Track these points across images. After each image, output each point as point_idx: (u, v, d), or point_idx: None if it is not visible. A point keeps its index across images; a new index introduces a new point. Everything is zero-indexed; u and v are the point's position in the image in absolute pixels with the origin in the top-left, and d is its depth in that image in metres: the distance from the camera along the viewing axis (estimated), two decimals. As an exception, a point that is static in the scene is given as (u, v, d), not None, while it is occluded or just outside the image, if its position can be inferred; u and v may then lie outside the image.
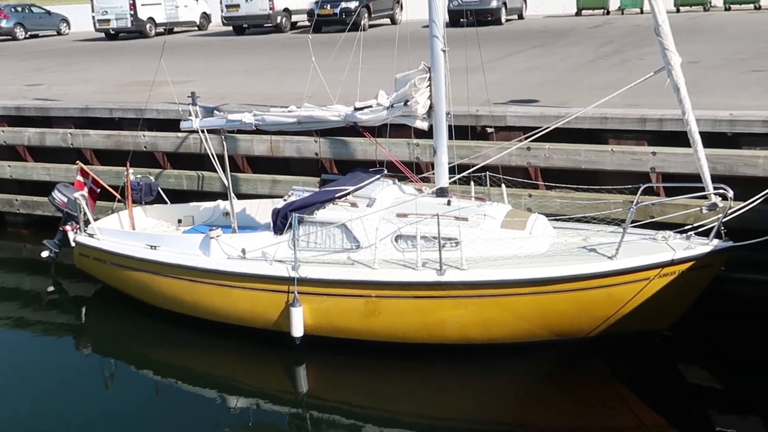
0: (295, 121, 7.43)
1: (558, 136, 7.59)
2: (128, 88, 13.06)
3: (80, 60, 19.97)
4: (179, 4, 29.61)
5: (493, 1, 22.78)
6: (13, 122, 11.05)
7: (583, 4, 25.62)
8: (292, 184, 8.71)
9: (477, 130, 8.38)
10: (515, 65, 13.37)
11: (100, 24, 27.91)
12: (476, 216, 6.65)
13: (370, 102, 7.10)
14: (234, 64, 16.57)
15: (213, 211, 8.72)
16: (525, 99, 9.45)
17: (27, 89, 13.53)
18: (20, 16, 32.34)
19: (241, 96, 11.10)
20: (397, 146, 8.29)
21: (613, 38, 17.25)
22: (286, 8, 26.06)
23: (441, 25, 6.85)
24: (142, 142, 9.92)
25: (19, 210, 11.14)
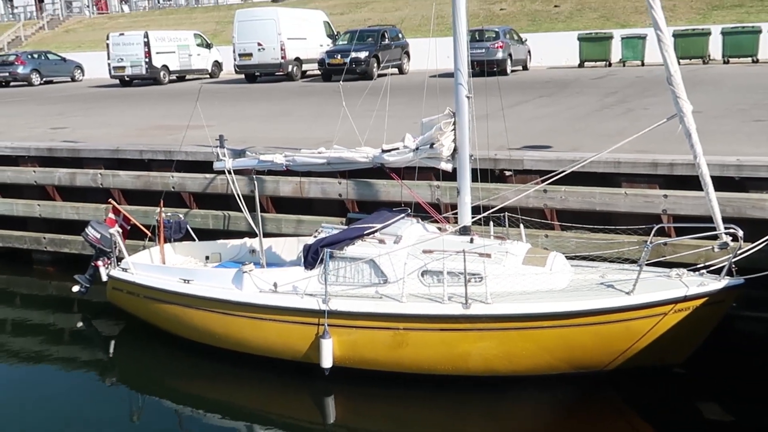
0: (325, 162, 7.84)
1: (573, 179, 8.00)
2: (150, 132, 13.53)
3: (99, 105, 20.55)
4: (192, 53, 30.46)
5: (499, 53, 23.50)
6: (44, 163, 11.47)
7: (585, 55, 26.38)
8: (315, 224, 9.08)
9: (496, 173, 8.79)
10: (524, 113, 13.85)
11: (116, 71, 28.68)
12: (499, 253, 7.00)
13: (397, 144, 7.53)
14: (250, 110, 17.10)
15: (240, 249, 9.07)
16: (538, 144, 9.88)
17: (53, 132, 14.00)
18: (36, 62, 33.21)
19: (262, 140, 11.52)
20: (419, 188, 8.68)
21: (616, 89, 17.83)
22: (297, 57, 26.84)
23: (465, 72, 7.30)
24: (170, 183, 10.32)
25: (47, 248, 11.48)
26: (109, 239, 8.55)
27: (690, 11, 30.14)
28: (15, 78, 32.31)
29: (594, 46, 26.21)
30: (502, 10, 34.05)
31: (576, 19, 31.77)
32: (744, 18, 27.75)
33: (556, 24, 31.64)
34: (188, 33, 31.37)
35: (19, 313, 10.56)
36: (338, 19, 35.61)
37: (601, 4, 32.79)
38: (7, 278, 11.91)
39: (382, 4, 39.64)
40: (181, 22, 42.66)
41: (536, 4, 34.53)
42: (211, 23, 41.74)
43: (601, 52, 26.13)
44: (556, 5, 33.68)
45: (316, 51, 27.27)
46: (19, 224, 11.80)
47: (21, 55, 33.30)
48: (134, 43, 28.37)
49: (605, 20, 30.88)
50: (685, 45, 23.72)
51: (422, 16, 34.71)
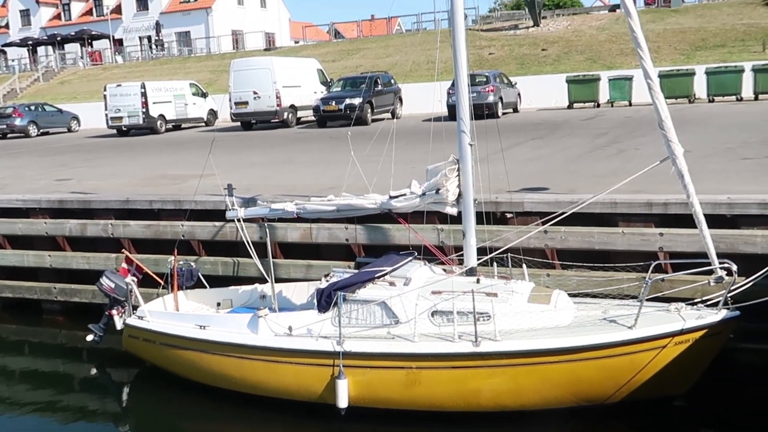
0: (335, 209, 8.17)
1: (572, 219, 8.34)
2: (155, 181, 13.87)
3: (100, 156, 20.91)
4: (188, 102, 31.04)
5: (490, 96, 24.10)
6: (55, 214, 11.75)
7: (574, 97, 27.06)
8: (324, 269, 9.38)
9: (498, 216, 9.14)
10: (519, 156, 14.28)
11: (113, 121, 29.18)
12: (505, 292, 7.31)
13: (404, 190, 7.89)
14: (250, 157, 17.47)
15: (251, 294, 9.33)
16: (536, 187, 10.25)
17: (58, 184, 14.30)
18: (34, 114, 33.70)
19: (267, 187, 11.84)
20: (423, 232, 9.00)
21: (606, 129, 18.37)
22: (292, 104, 27.42)
23: (467, 121, 7.69)
24: (180, 231, 10.61)
25: (57, 297, 11.70)
26: (124, 289, 8.80)
27: (674, 52, 31.04)
28: (12, 130, 32.75)
29: (582, 87, 26.92)
30: (491, 54, 34.90)
31: (563, 61, 32.61)
32: (727, 58, 28.61)
33: (544, 67, 32.45)
34: (184, 83, 32.00)
35: (30, 363, 10.70)
36: (331, 66, 36.37)
37: (587, 47, 33.72)
38: (17, 328, 12.09)
39: (374, 50, 40.54)
40: (175, 72, 43.40)
41: (524, 48, 35.44)
42: (205, 72, 42.48)
43: (590, 93, 26.82)
44: (543, 49, 34.59)
45: (310, 98, 27.86)
46: (30, 275, 12.02)
47: (18, 108, 33.80)
48: (131, 93, 28.93)
49: (592, 62, 31.72)
50: (671, 85, 24.41)
51: (413, 62, 35.55)
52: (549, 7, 55.89)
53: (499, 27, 41.07)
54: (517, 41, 36.68)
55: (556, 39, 35.72)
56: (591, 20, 38.53)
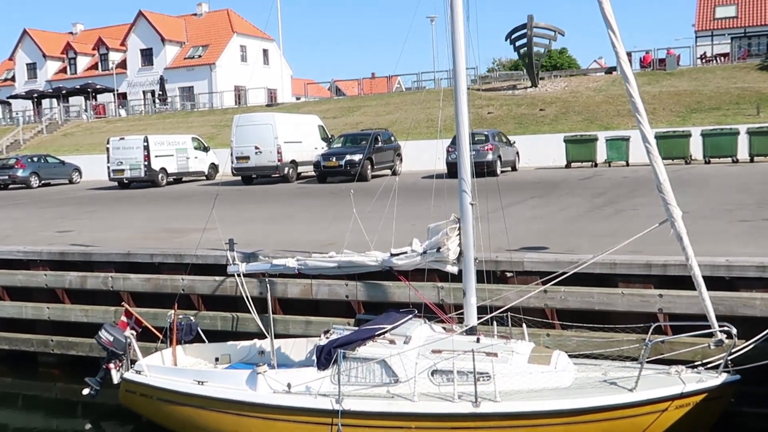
0: (336, 265, 8.22)
1: (571, 279, 8.40)
2: (156, 235, 13.92)
3: (101, 208, 21.01)
4: (190, 156, 31.33)
5: (489, 155, 24.35)
6: (56, 266, 11.77)
7: (572, 156, 27.38)
8: (324, 325, 9.38)
9: (497, 274, 9.18)
10: (518, 214, 14.38)
11: (115, 174, 29.39)
12: (505, 352, 7.30)
13: (406, 248, 7.95)
14: (251, 212, 17.57)
15: (249, 350, 9.29)
16: (535, 246, 10.32)
17: (59, 235, 14.34)
18: (36, 165, 33.97)
19: (267, 243, 11.90)
20: (424, 289, 9.03)
21: (604, 189, 18.55)
22: (293, 160, 27.69)
23: (469, 181, 7.80)
24: (180, 285, 10.63)
25: (54, 350, 11.63)
26: (123, 342, 8.77)
27: (670, 114, 31.53)
28: (14, 181, 32.95)
29: (580, 147, 27.26)
30: (490, 113, 35.42)
31: (561, 121, 33.08)
32: (722, 120, 29.07)
33: (542, 126, 32.90)
34: (186, 137, 32.33)
35: (24, 417, 10.58)
36: (332, 123, 36.84)
37: (585, 108, 34.24)
38: (12, 381, 11.99)
39: (374, 108, 41.12)
40: (177, 126, 43.91)
41: (522, 107, 35.99)
42: (207, 126, 42.98)
43: (587, 153, 27.15)
44: (541, 109, 35.12)
45: (311, 153, 28.15)
46: (27, 326, 11.97)
47: (21, 159, 34.08)
48: (134, 147, 29.21)
49: (589, 123, 32.18)
50: (668, 146, 24.73)
51: (413, 119, 36.02)
52: (546, 68, 56.99)
53: (498, 87, 41.77)
54: (515, 101, 37.26)
55: (554, 99, 36.31)
56: (588, 82, 39.22)
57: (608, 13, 7.07)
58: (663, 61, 40.12)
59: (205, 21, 66.51)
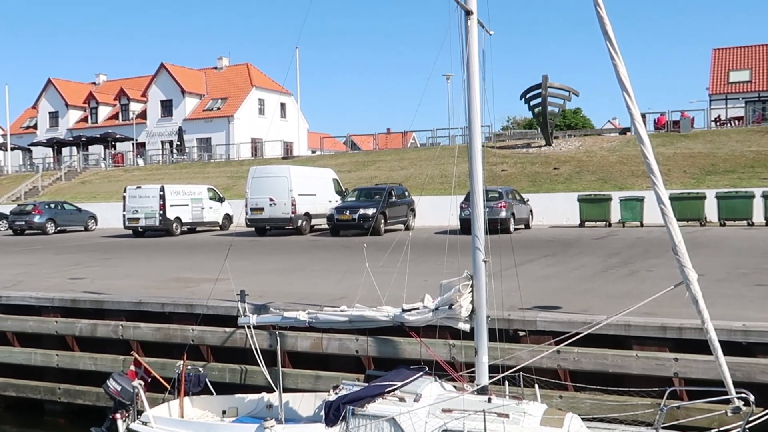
0: (347, 320, 8.16)
1: (585, 340, 8.28)
2: (168, 284, 13.92)
3: (115, 256, 21.10)
4: (205, 206, 31.59)
5: (502, 212, 24.36)
6: (67, 314, 11.77)
7: (585, 216, 27.37)
8: (333, 380, 9.26)
9: (510, 333, 9.08)
10: (531, 273, 14.30)
11: (130, 222, 29.62)
12: (517, 413, 7.15)
13: (417, 304, 7.90)
14: (263, 264, 17.57)
15: (257, 404, 9.17)
16: (548, 305, 10.22)
17: (72, 282, 14.39)
18: (53, 212, 34.34)
19: (278, 294, 11.87)
20: (435, 346, 8.94)
21: (618, 249, 18.45)
22: (306, 212, 27.83)
23: (482, 237, 7.78)
24: (190, 336, 10.58)
25: (61, 398, 11.54)
26: (131, 392, 8.68)
27: (684, 176, 31.55)
28: (31, 226, 33.30)
29: (594, 207, 27.27)
30: (504, 171, 35.59)
31: (575, 180, 33.17)
32: (736, 183, 29.05)
33: (556, 185, 32.99)
34: (202, 187, 32.65)
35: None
36: (346, 176, 37.14)
37: (599, 168, 34.36)
38: (18, 430, 11.87)
39: (389, 163, 41.45)
40: (194, 176, 44.39)
41: (536, 166, 36.16)
42: (223, 177, 43.42)
43: (601, 212, 27.13)
44: (555, 167, 35.27)
45: (325, 206, 28.33)
46: (35, 374, 11.92)
47: (39, 205, 34.49)
48: (150, 195, 29.50)
49: (603, 182, 32.24)
50: (682, 208, 24.67)
51: (426, 175, 36.25)
52: (561, 127, 57.46)
53: (512, 145, 42.07)
54: (529, 159, 37.46)
55: (568, 158, 36.48)
56: (602, 142, 39.44)
57: (623, 75, 7.14)
58: (677, 123, 40.35)
59: (225, 74, 67.90)
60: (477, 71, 7.73)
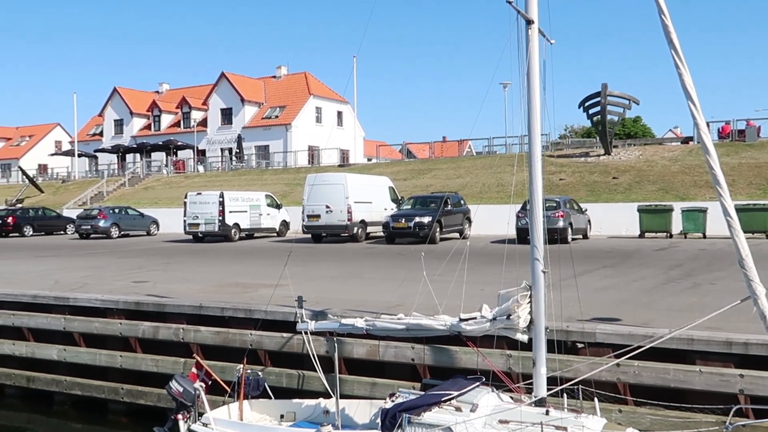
0: (404, 328, 8.19)
1: (645, 354, 8.11)
2: (227, 289, 14.18)
3: (175, 260, 21.61)
4: (263, 212, 32.08)
5: (560, 221, 24.04)
6: (131, 316, 12.12)
7: (646, 226, 26.79)
8: (389, 388, 9.30)
9: (568, 345, 8.97)
10: (589, 284, 14.08)
11: (190, 227, 30.29)
12: (575, 426, 7.06)
13: (475, 314, 7.87)
14: (319, 270, 17.74)
15: (314, 409, 9.27)
16: (607, 317, 10.05)
17: (135, 285, 14.79)
18: (117, 216, 35.36)
19: (335, 301, 11.98)
20: (491, 356, 8.89)
21: (680, 261, 18.01)
22: (362, 220, 28.00)
23: (541, 248, 7.72)
24: (248, 340, 10.76)
25: (123, 398, 11.87)
26: (192, 394, 8.88)
27: (749, 186, 30.62)
28: (96, 230, 34.35)
29: (654, 217, 26.68)
30: (562, 180, 35.14)
31: (635, 190, 32.53)
32: (805, 194, 28.04)
33: (615, 195, 32.41)
34: (260, 194, 33.17)
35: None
36: (402, 184, 37.22)
37: (660, 177, 33.61)
38: (82, 427, 12.25)
39: (444, 171, 41.37)
40: (252, 183, 45.13)
41: (595, 175, 35.59)
42: (280, 185, 44.00)
43: (662, 223, 26.53)
44: (614, 177, 34.65)
45: (380, 214, 28.43)
46: (100, 373, 12.28)
47: (103, 210, 35.58)
48: (210, 201, 30.13)
49: (664, 192, 31.53)
50: (747, 219, 23.90)
51: (483, 183, 36.07)
52: (620, 136, 56.46)
53: (570, 153, 41.52)
54: (587, 168, 36.90)
55: (628, 168, 35.80)
56: (663, 151, 38.59)
57: (689, 85, 7.01)
58: (742, 132, 39.18)
59: (283, 83, 68.90)
60: (537, 81, 7.69)
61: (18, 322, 13.20)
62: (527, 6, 7.71)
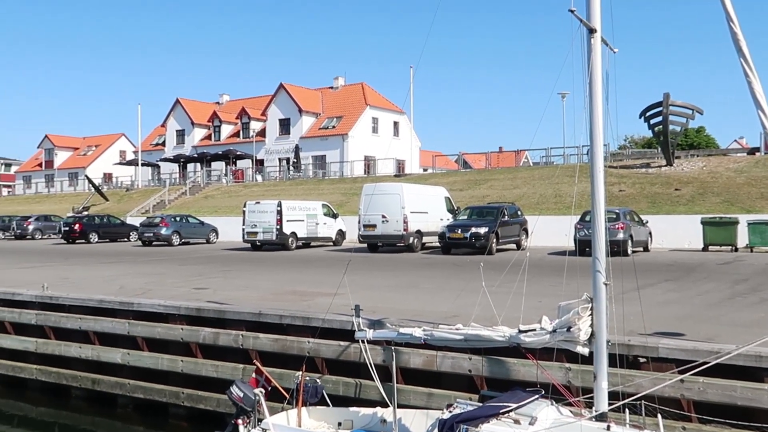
0: (462, 338, 8.15)
1: (710, 370, 7.87)
2: (285, 296, 14.35)
3: (234, 268, 21.99)
4: (319, 222, 32.39)
5: (620, 234, 23.58)
6: (192, 322, 12.37)
7: (709, 239, 26.08)
8: (445, 398, 9.26)
9: (629, 359, 8.79)
10: (651, 297, 13.76)
11: (249, 236, 30.78)
12: (637, 443, 6.92)
13: (534, 325, 7.78)
14: (375, 279, 17.81)
15: (372, 418, 9.28)
16: (670, 332, 9.82)
17: (196, 292, 15.10)
18: (178, 224, 36.19)
19: (392, 311, 12.00)
20: (550, 369, 8.77)
21: (746, 276, 17.46)
22: (418, 230, 28.00)
23: (603, 260, 7.59)
24: (306, 348, 10.87)
25: (184, 402, 12.11)
26: (252, 399, 9.00)
27: (820, 199, 29.54)
28: (158, 238, 35.21)
29: (719, 230, 25.96)
30: (622, 191, 34.50)
31: (698, 202, 31.70)
32: None
33: (677, 207, 31.65)
34: (317, 203, 33.51)
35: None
36: (458, 195, 37.10)
37: (724, 189, 32.69)
38: (144, 430, 12.54)
39: (501, 182, 41.08)
40: (309, 192, 45.61)
41: (656, 186, 34.83)
42: (337, 194, 44.35)
43: (727, 236, 25.79)
44: (676, 188, 33.86)
45: (436, 224, 28.39)
46: (161, 378, 12.56)
47: (165, 218, 36.48)
48: (268, 210, 30.58)
49: (729, 205, 30.64)
50: (818, 233, 23.13)
51: (540, 195, 35.68)
52: (683, 147, 55.13)
53: (630, 164, 40.74)
54: (648, 179, 36.15)
55: (691, 179, 34.94)
56: (728, 162, 37.54)
57: (758, 93, 6.82)
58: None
59: (340, 94, 69.57)
60: (600, 90, 7.59)
61: (85, 325, 13.63)
62: (590, 15, 7.63)
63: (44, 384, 14.27)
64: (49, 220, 47.93)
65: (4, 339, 14.83)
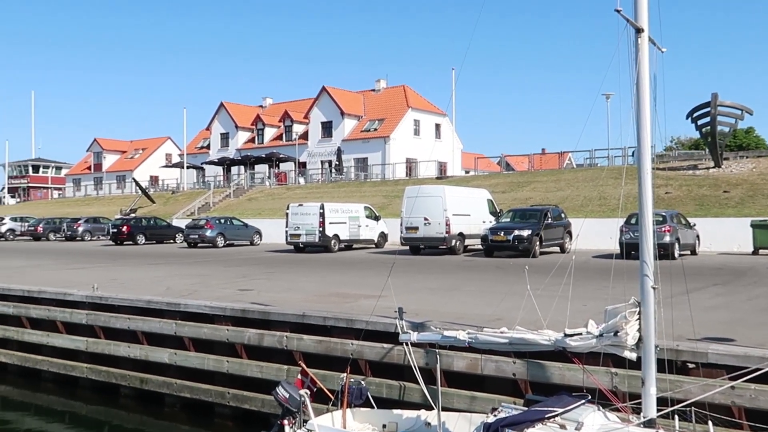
0: (507, 342, 8.09)
1: (762, 377, 7.71)
2: (329, 298, 14.44)
3: (278, 269, 22.20)
4: (361, 224, 32.51)
5: (666, 236, 23.18)
6: (237, 323, 12.54)
7: (760, 243, 25.46)
8: (489, 402, 9.23)
9: (677, 365, 8.64)
10: (699, 302, 13.48)
11: (291, 238, 31.04)
12: (687, 450, 6.80)
13: (580, 330, 7.69)
14: (417, 282, 17.77)
15: (416, 421, 9.29)
16: (719, 337, 9.61)
17: (241, 293, 15.29)
18: (223, 227, 36.67)
19: (434, 313, 11.98)
20: (596, 374, 8.66)
21: (799, 281, 17.01)
22: (460, 232, 27.91)
23: (651, 264, 7.48)
24: (349, 350, 10.93)
25: (229, 402, 12.28)
26: (297, 400, 9.08)
27: None
28: (203, 240, 35.73)
29: (770, 233, 25.32)
30: (668, 193, 33.89)
31: (748, 205, 30.97)
32: None
33: (726, 209, 30.95)
34: (359, 206, 33.63)
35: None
36: (500, 197, 36.86)
37: (775, 191, 31.90)
38: (190, 429, 12.74)
39: (544, 184, 40.70)
40: (351, 195, 45.80)
41: (704, 188, 34.13)
42: (379, 197, 44.46)
43: (778, 240, 25.15)
44: (725, 191, 33.12)
45: (479, 227, 28.24)
46: (207, 378, 12.76)
47: (210, 220, 37.01)
48: (311, 213, 30.80)
49: (781, 207, 29.87)
50: None
51: (584, 197, 35.24)
52: (731, 148, 53.92)
53: (677, 166, 40.00)
54: (696, 181, 35.44)
55: (740, 181, 34.15)
56: (779, 163, 36.62)
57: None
58: None
59: (382, 96, 69.73)
60: (647, 91, 7.48)
61: (133, 325, 13.92)
62: (637, 14, 7.52)
63: (94, 382, 14.62)
64: (97, 222, 49.10)
65: (56, 338, 15.25)
